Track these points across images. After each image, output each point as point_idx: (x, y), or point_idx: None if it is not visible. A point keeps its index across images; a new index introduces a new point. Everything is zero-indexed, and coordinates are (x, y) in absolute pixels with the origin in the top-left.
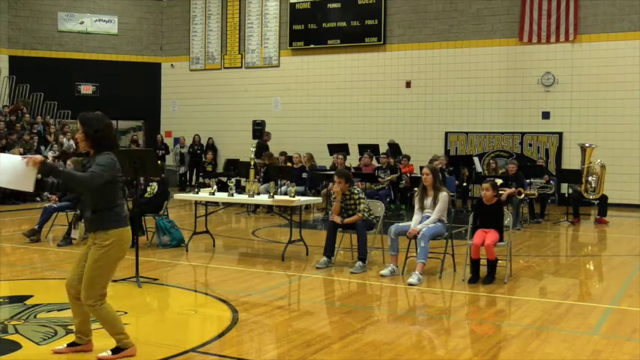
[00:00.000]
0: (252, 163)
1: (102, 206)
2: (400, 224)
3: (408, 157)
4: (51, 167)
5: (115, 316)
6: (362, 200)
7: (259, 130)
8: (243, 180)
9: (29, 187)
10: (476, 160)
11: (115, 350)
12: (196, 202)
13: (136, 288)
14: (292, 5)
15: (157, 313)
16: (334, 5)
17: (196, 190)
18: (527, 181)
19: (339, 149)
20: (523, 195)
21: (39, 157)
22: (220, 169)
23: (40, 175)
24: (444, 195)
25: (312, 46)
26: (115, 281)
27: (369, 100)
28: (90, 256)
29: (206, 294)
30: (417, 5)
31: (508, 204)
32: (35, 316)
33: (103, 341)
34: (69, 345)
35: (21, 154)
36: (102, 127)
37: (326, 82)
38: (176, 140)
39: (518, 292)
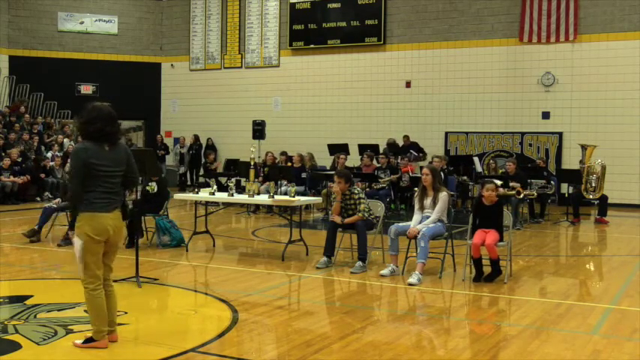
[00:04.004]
0: (252, 163)
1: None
2: (400, 224)
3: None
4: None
5: (101, 309)
6: (362, 200)
7: (259, 130)
8: (243, 180)
9: None
10: (476, 160)
11: (88, 340)
12: (196, 202)
13: (136, 288)
14: (292, 5)
15: (157, 313)
16: (334, 5)
17: (196, 190)
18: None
19: (339, 149)
20: (522, 195)
21: None
22: (220, 169)
23: None
24: (443, 195)
25: (312, 46)
26: (115, 281)
27: (369, 100)
28: None
29: (206, 294)
30: (417, 5)
31: (507, 203)
32: (35, 316)
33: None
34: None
35: (20, 153)
36: (89, 119)
37: (326, 82)
38: (176, 140)
39: (518, 292)
